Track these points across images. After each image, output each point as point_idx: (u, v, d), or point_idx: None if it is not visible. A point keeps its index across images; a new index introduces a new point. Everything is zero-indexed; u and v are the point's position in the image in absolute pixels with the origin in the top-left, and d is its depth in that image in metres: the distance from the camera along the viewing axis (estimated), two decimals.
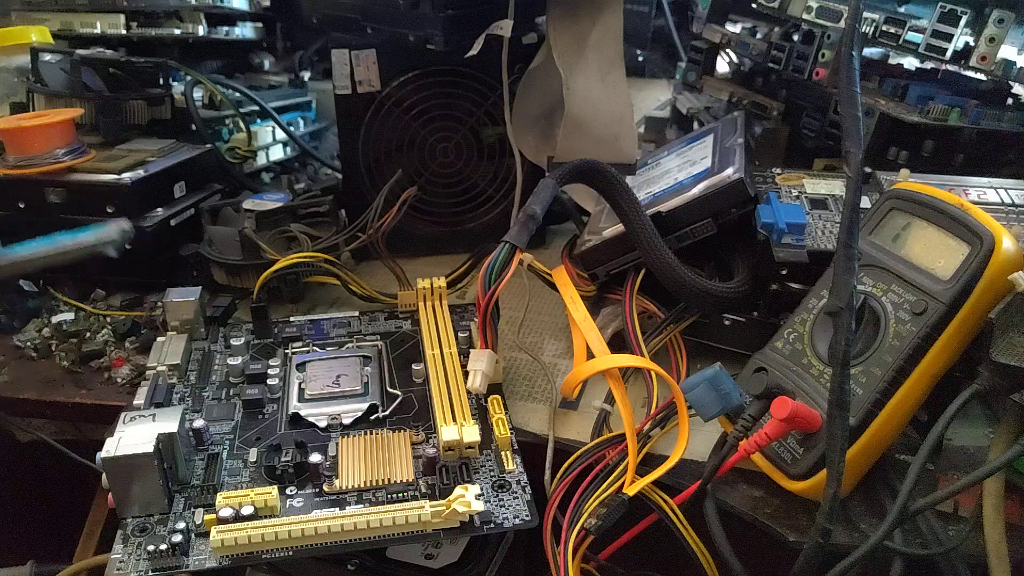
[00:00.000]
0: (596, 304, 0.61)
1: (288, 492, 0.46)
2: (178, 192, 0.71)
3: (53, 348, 0.62)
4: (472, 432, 0.47)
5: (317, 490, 0.46)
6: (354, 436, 0.50)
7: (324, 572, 0.49)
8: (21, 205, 0.65)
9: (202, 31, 0.84)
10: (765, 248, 0.54)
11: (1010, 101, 0.69)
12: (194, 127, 0.77)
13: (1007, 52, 0.61)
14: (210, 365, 0.57)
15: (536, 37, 0.70)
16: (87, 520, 0.62)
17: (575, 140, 0.66)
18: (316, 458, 0.46)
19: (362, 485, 0.46)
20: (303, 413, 0.52)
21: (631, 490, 0.45)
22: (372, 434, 0.50)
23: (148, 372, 0.54)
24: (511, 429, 0.50)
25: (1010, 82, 0.65)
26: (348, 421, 0.51)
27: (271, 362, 0.56)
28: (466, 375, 0.51)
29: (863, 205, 0.52)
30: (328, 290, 0.69)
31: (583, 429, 0.53)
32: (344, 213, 0.71)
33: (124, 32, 0.80)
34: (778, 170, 0.64)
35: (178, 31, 0.83)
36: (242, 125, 0.82)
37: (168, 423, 0.45)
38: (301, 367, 0.56)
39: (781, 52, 0.72)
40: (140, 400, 0.51)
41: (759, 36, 0.80)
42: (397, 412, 0.53)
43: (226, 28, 0.90)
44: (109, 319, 0.64)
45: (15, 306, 0.66)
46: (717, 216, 0.57)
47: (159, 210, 0.67)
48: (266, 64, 1.01)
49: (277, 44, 1.03)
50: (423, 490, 0.46)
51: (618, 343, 0.56)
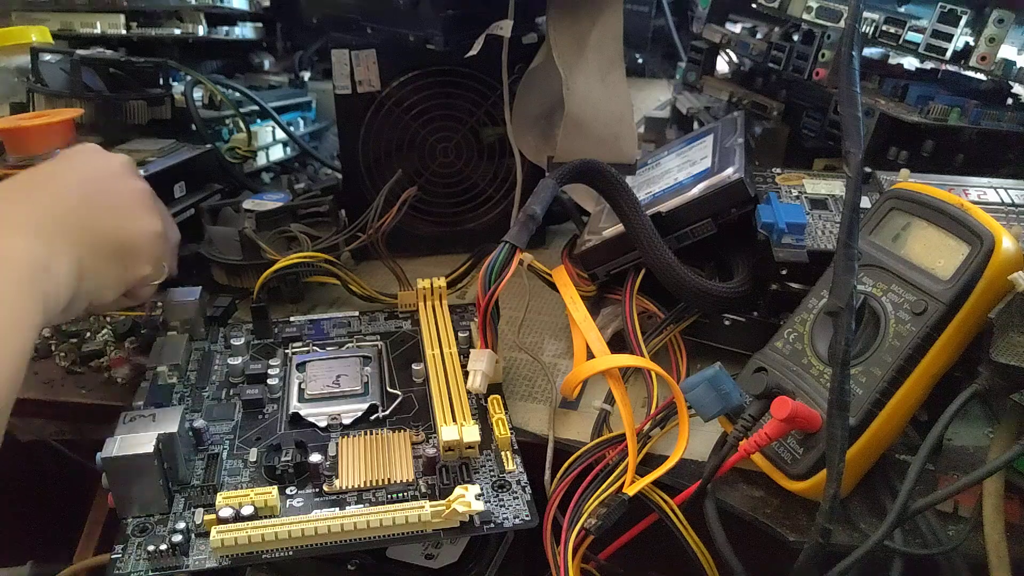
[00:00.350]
0: (596, 304, 0.61)
1: (288, 492, 0.46)
2: (178, 192, 0.70)
3: (53, 348, 0.61)
4: (472, 432, 0.47)
5: (317, 490, 0.46)
6: (354, 436, 0.50)
7: (324, 573, 0.49)
8: None
9: (202, 31, 0.84)
10: (765, 248, 0.54)
11: (1010, 101, 0.69)
12: (194, 127, 0.77)
13: (1007, 52, 0.61)
14: (210, 365, 0.57)
15: (536, 37, 0.70)
16: (87, 520, 0.62)
17: (575, 140, 0.66)
18: (316, 458, 0.46)
19: (362, 485, 0.46)
20: (303, 413, 0.52)
21: (631, 490, 0.45)
22: (372, 434, 0.50)
23: (148, 372, 0.54)
24: (511, 429, 0.50)
25: (1010, 82, 0.65)
26: (348, 421, 0.51)
27: (271, 362, 0.56)
28: (466, 375, 0.51)
29: (863, 205, 0.52)
30: (328, 290, 0.69)
31: (583, 429, 0.53)
32: (344, 213, 0.71)
33: (124, 32, 0.80)
34: (778, 170, 0.64)
35: (178, 31, 0.82)
36: (242, 125, 0.82)
37: (168, 423, 0.45)
38: (301, 367, 0.56)
39: (781, 52, 0.72)
40: (140, 400, 0.51)
41: (759, 36, 0.80)
42: (397, 412, 0.53)
43: (226, 28, 0.90)
44: (109, 319, 0.64)
45: None
46: (717, 216, 0.57)
47: None
48: (266, 64, 1.01)
49: (277, 44, 1.03)
50: (423, 490, 0.46)
51: (618, 343, 0.56)
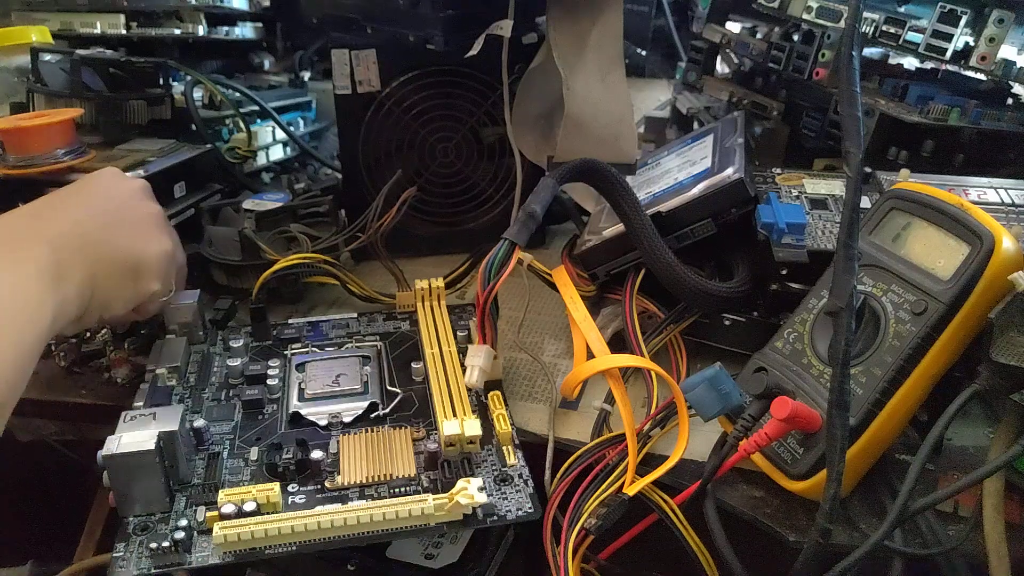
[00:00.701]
0: (596, 304, 0.61)
1: (290, 489, 0.46)
2: (178, 192, 0.70)
3: (52, 348, 0.61)
4: (473, 426, 0.47)
5: (319, 486, 0.46)
6: (355, 433, 0.50)
7: (324, 572, 0.49)
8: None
9: (202, 31, 0.84)
10: (765, 248, 0.54)
11: (1010, 101, 0.69)
12: (194, 127, 0.77)
13: (1007, 52, 0.61)
14: (209, 367, 0.57)
15: (536, 37, 0.70)
16: (87, 520, 0.62)
17: (575, 140, 0.66)
18: (317, 455, 0.47)
19: (364, 481, 0.46)
20: (303, 412, 0.52)
21: (631, 490, 0.45)
22: (373, 431, 0.50)
23: (147, 374, 0.54)
24: (512, 425, 0.50)
25: (1010, 82, 0.65)
26: (348, 419, 0.51)
27: (270, 363, 0.56)
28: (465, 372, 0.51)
29: (863, 205, 0.52)
30: (327, 290, 0.69)
31: (583, 429, 0.53)
32: (344, 213, 0.71)
33: (124, 32, 0.80)
34: (778, 170, 0.64)
35: (178, 31, 0.82)
36: (242, 125, 0.82)
37: (169, 422, 0.45)
38: (300, 367, 0.56)
39: (781, 52, 0.72)
40: (140, 401, 0.51)
41: (759, 36, 0.80)
42: (397, 410, 0.53)
43: (226, 28, 0.89)
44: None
45: None
46: (717, 216, 0.57)
47: None
48: (266, 64, 1.01)
49: (277, 44, 1.02)
50: (425, 485, 0.46)
51: (618, 343, 0.56)
